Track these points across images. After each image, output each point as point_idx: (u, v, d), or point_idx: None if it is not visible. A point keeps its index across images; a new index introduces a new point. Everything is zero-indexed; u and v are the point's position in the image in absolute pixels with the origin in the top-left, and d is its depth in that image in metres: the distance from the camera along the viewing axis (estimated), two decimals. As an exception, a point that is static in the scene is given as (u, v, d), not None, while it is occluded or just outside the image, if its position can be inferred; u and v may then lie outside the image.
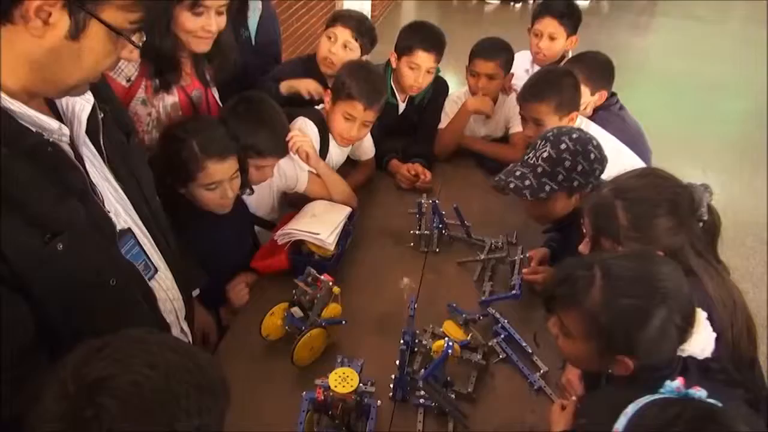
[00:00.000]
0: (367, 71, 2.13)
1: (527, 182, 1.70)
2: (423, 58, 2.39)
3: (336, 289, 1.61)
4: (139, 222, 1.26)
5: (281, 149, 1.90)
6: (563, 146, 1.66)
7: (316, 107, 2.24)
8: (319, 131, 2.15)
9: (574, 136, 1.68)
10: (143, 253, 1.25)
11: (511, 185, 1.72)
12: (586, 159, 1.65)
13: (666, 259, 1.15)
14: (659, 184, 1.36)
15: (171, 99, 1.75)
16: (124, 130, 1.27)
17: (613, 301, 1.06)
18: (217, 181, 1.66)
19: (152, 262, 1.28)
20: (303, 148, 2.04)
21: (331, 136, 2.20)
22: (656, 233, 1.31)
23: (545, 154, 1.69)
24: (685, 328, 1.07)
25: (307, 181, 2.12)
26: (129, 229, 1.20)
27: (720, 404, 0.85)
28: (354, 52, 2.38)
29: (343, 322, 1.61)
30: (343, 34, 2.34)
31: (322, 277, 1.60)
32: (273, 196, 2.10)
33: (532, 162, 1.72)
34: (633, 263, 1.10)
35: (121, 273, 1.14)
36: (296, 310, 1.60)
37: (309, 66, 2.42)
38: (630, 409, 0.83)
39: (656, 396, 0.86)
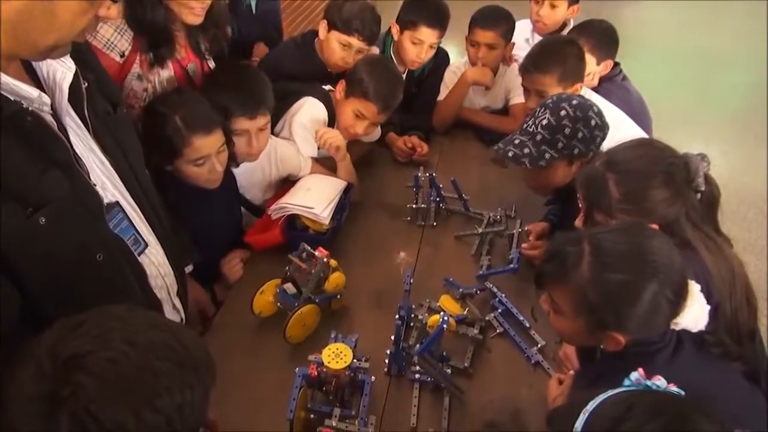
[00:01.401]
0: (387, 73, 2.08)
1: (526, 150, 1.68)
2: (427, 34, 2.34)
3: (333, 262, 1.60)
4: (128, 195, 1.25)
5: (250, 110, 1.78)
6: (563, 113, 1.64)
7: (323, 87, 2.19)
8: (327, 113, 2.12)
9: (574, 102, 1.65)
10: (132, 228, 1.24)
11: (510, 154, 1.70)
12: (587, 126, 1.63)
13: (657, 232, 1.14)
14: (653, 154, 1.35)
15: (166, 73, 1.72)
16: (111, 101, 1.25)
17: (602, 277, 1.05)
18: (204, 155, 1.63)
19: (142, 237, 1.27)
20: (334, 143, 2.01)
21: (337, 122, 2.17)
22: (650, 205, 1.30)
23: (544, 122, 1.66)
24: (678, 301, 1.05)
25: (309, 167, 2.09)
26: (117, 203, 1.19)
27: (681, 392, 0.84)
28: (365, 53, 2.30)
29: (338, 296, 1.60)
30: (357, 43, 2.21)
31: (317, 252, 1.59)
32: (270, 182, 2.07)
33: (531, 130, 1.69)
34: (623, 237, 1.09)
35: (109, 248, 1.12)
36: (289, 287, 1.59)
37: (306, 54, 2.31)
38: (590, 407, 0.81)
39: (617, 390, 0.84)
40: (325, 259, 1.57)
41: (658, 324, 1.06)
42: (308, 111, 2.10)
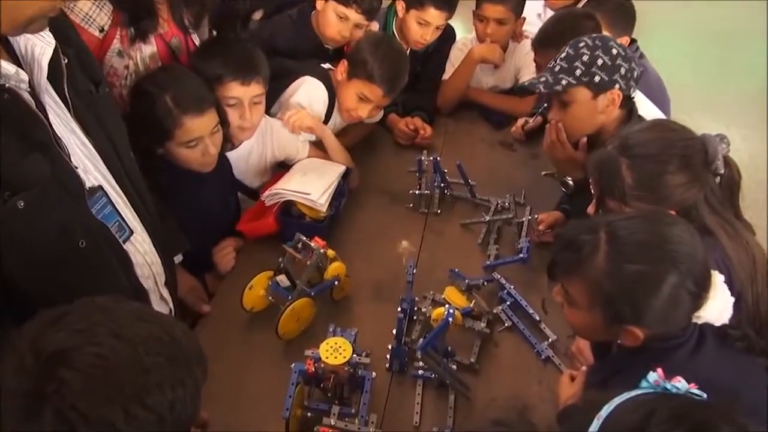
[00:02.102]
0: (392, 53, 2.06)
1: (542, 79, 1.68)
2: (434, 16, 2.32)
3: (330, 252, 1.59)
4: (111, 179, 1.24)
5: (243, 74, 1.77)
6: (581, 44, 1.65)
7: (322, 65, 2.18)
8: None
9: (594, 35, 1.67)
10: (116, 213, 1.24)
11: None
12: (607, 53, 1.62)
13: (677, 219, 1.13)
14: (668, 137, 1.34)
15: (149, 49, 1.70)
16: (92, 79, 1.24)
17: (619, 268, 1.05)
18: (197, 137, 1.62)
19: (127, 223, 1.27)
20: (303, 124, 1.99)
21: (337, 104, 2.15)
22: (666, 191, 1.29)
23: (563, 54, 1.67)
24: (699, 293, 1.05)
25: (307, 150, 2.08)
26: (100, 187, 1.18)
27: (703, 395, 0.83)
28: (364, 30, 2.27)
29: (336, 282, 1.60)
30: (355, 16, 2.18)
31: (312, 243, 1.58)
32: (266, 166, 2.06)
33: (550, 66, 1.70)
34: (641, 225, 1.08)
35: (91, 234, 1.12)
36: (282, 279, 1.58)
37: (302, 30, 2.28)
38: (604, 412, 0.81)
39: (632, 393, 0.84)
40: (321, 250, 1.57)
41: (679, 318, 1.05)
42: (307, 91, 2.08)
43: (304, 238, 1.61)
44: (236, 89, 1.77)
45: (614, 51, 1.62)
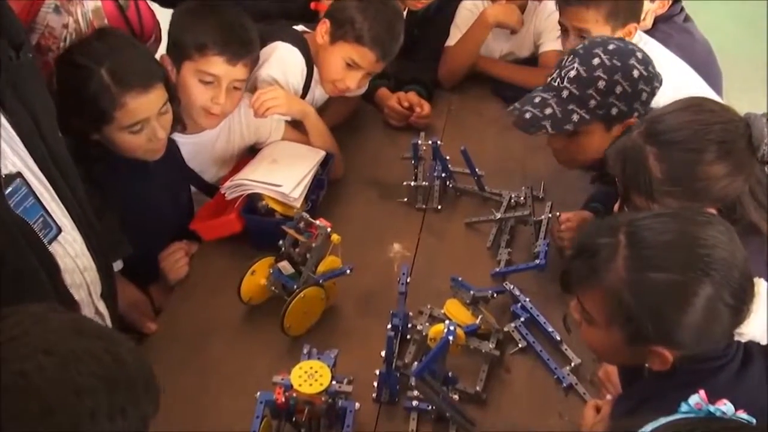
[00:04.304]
0: (385, 9, 2.06)
1: (548, 111, 1.68)
2: None
3: (335, 237, 1.60)
4: (34, 166, 1.24)
5: (232, 51, 1.79)
6: (596, 61, 1.63)
7: (295, 27, 2.18)
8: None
9: (611, 47, 1.65)
10: (40, 207, 1.23)
11: (527, 115, 1.70)
12: (627, 78, 1.62)
13: (712, 217, 1.14)
14: (704, 119, 1.35)
15: (92, 3, 1.71)
16: (11, 41, 1.23)
17: (640, 277, 1.05)
18: (142, 119, 1.62)
19: (53, 220, 1.27)
20: (279, 108, 1.97)
21: (315, 74, 2.16)
22: (702, 185, 1.31)
23: (572, 73, 1.66)
24: (740, 306, 1.05)
25: (282, 131, 2.09)
26: (18, 174, 1.18)
27: (753, 420, 0.84)
28: None
29: (348, 270, 1.62)
30: None
31: (317, 221, 1.61)
32: (234, 153, 2.06)
33: (556, 84, 1.70)
34: (668, 225, 1.08)
35: (9, 232, 1.12)
36: (285, 266, 1.62)
37: None
38: None
39: (671, 418, 0.85)
40: (328, 230, 1.59)
41: (716, 336, 1.06)
42: (280, 61, 2.08)
43: (308, 216, 1.63)
44: (219, 66, 1.78)
45: (635, 73, 1.62)
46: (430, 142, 2.01)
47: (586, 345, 1.22)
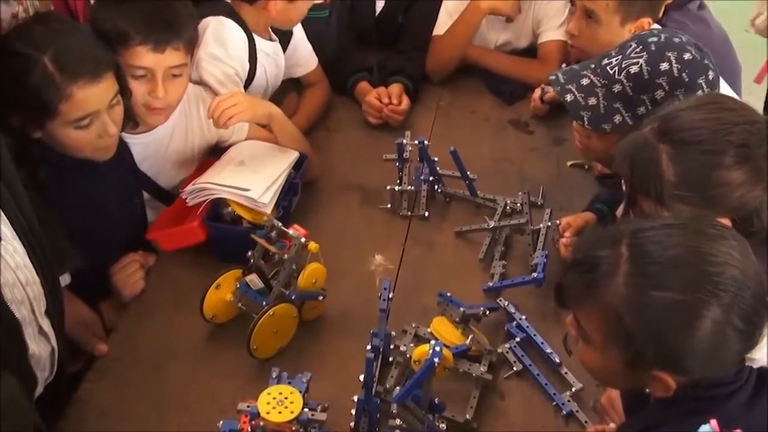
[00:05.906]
0: None
1: (592, 101, 1.67)
2: None
3: (313, 245, 1.60)
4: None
5: (155, 36, 1.77)
6: (664, 66, 1.60)
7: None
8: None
9: (686, 57, 1.60)
10: (-26, 213, 1.23)
11: (568, 97, 1.69)
12: (688, 95, 1.58)
13: (726, 231, 1.14)
14: (724, 118, 1.34)
15: None
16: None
17: (641, 295, 1.05)
18: (91, 112, 1.62)
19: (-9, 227, 1.27)
20: (239, 117, 1.94)
21: (263, 45, 2.18)
22: (719, 191, 1.31)
23: (634, 69, 1.63)
24: (751, 331, 1.06)
25: (246, 130, 2.10)
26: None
27: None
28: None
29: (319, 297, 1.64)
30: None
31: (291, 230, 1.61)
32: (193, 153, 2.07)
33: (612, 72, 1.67)
34: (675, 238, 1.09)
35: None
36: (253, 279, 1.62)
37: None
38: None
39: None
40: (303, 240, 1.59)
41: (723, 362, 1.07)
42: (216, 35, 2.07)
43: (279, 224, 1.63)
44: (146, 57, 1.78)
45: (699, 94, 1.60)
46: (416, 141, 2.01)
47: (582, 365, 1.23)
